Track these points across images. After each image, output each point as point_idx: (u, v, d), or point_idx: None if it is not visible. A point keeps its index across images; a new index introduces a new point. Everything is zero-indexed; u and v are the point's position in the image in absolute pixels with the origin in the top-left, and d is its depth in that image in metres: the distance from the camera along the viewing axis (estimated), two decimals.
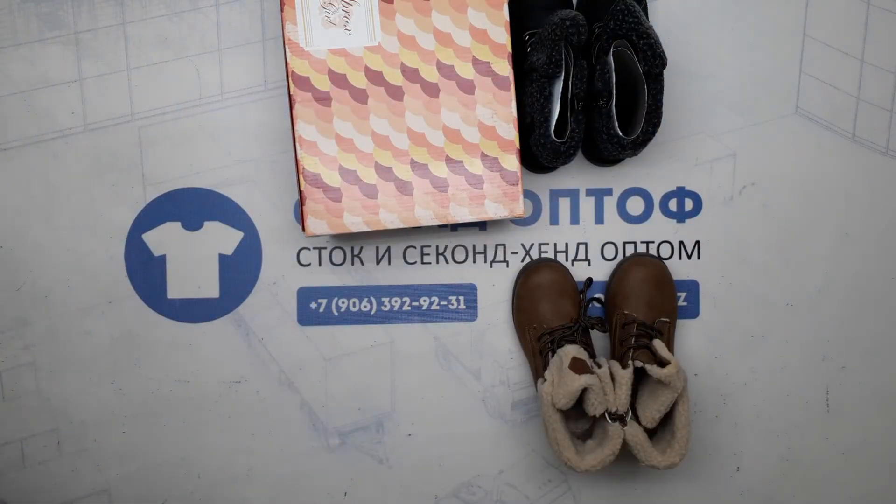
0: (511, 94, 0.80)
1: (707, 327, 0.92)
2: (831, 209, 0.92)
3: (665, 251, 0.92)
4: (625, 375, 0.82)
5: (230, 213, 0.92)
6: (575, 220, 0.92)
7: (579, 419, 0.86)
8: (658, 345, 0.83)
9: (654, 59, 0.78)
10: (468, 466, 0.93)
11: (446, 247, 0.92)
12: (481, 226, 0.93)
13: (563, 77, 0.81)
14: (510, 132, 0.80)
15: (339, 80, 0.80)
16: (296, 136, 0.80)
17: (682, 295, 0.92)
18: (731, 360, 0.93)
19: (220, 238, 0.92)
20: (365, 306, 0.92)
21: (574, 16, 0.78)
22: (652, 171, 0.92)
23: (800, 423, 0.93)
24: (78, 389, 0.93)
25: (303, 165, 0.80)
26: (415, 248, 0.92)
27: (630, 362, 0.83)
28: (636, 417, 0.83)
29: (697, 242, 0.92)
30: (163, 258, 0.92)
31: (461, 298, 0.92)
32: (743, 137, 0.91)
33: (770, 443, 0.93)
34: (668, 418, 0.83)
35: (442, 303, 0.92)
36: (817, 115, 0.91)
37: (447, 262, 0.92)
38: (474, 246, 0.92)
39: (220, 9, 0.91)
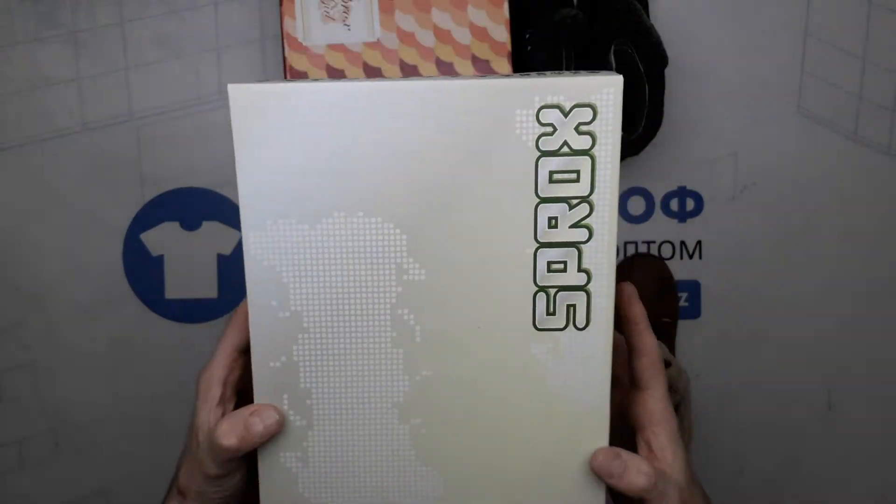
0: None
1: (709, 328, 0.92)
2: (833, 209, 0.91)
3: (666, 251, 0.92)
4: None
5: (229, 212, 0.91)
6: None
7: None
8: (660, 345, 0.83)
9: (655, 58, 0.78)
10: None
11: None
12: None
13: None
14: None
15: (336, 75, 0.80)
16: None
17: (684, 295, 0.92)
18: (733, 360, 0.92)
19: (219, 238, 0.92)
20: None
21: (574, 15, 0.77)
22: (653, 170, 0.91)
23: (802, 424, 0.93)
24: (76, 390, 0.93)
25: None
26: None
27: None
28: None
29: (699, 242, 0.92)
30: (161, 258, 0.92)
31: None
32: (744, 137, 0.91)
33: (773, 443, 0.93)
34: None
35: None
36: (819, 114, 0.91)
37: None
38: None
39: (219, 8, 0.90)
